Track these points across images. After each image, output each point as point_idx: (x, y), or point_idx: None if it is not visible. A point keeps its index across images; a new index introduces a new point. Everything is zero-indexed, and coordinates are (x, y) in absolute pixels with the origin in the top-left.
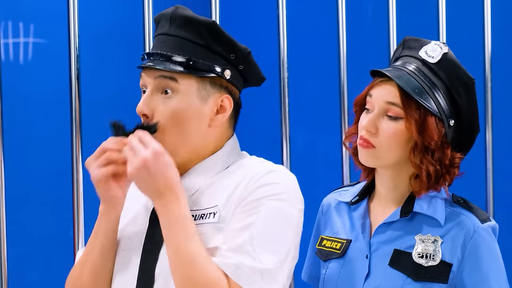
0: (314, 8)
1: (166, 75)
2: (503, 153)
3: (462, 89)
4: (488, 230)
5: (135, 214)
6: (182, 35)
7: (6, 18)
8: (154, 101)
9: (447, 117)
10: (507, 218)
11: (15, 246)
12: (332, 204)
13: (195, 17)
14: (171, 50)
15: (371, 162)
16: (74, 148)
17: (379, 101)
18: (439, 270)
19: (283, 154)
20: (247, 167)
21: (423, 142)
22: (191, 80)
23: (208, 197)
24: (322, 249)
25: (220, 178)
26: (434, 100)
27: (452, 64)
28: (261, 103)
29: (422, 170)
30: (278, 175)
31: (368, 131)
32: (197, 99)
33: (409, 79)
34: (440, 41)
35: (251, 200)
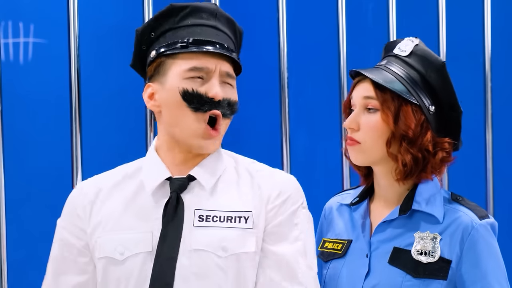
0: (314, 9)
1: (230, 72)
2: (503, 153)
3: (434, 73)
4: (487, 227)
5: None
6: (228, 33)
7: (6, 18)
8: (220, 88)
9: (426, 104)
10: (507, 218)
11: (15, 246)
12: (333, 207)
13: (234, 20)
14: (228, 43)
15: (360, 158)
16: (74, 148)
17: (358, 98)
18: (438, 267)
19: (283, 156)
20: (262, 172)
21: (400, 131)
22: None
23: (227, 199)
24: (324, 251)
25: (229, 178)
26: (410, 89)
27: (422, 53)
28: (261, 105)
29: (398, 160)
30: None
31: (351, 128)
32: None
33: (381, 72)
34: (412, 37)
35: (286, 214)
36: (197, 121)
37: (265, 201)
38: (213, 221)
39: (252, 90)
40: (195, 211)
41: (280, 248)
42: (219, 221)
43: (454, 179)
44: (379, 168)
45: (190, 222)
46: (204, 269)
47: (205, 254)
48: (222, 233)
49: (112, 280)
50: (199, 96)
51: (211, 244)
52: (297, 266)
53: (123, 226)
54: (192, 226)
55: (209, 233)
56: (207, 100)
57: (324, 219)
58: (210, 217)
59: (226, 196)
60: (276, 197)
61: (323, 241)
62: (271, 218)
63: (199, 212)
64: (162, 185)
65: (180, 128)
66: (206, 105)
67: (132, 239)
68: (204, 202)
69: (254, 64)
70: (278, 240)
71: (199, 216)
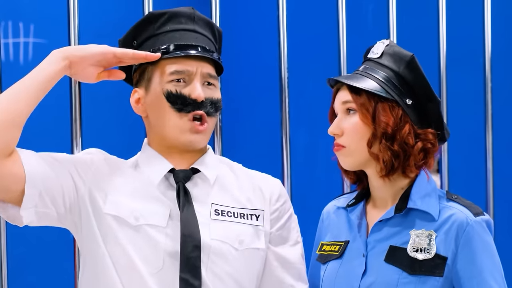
0: (314, 9)
1: (211, 73)
2: (504, 153)
3: (406, 68)
4: (482, 223)
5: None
6: (207, 35)
7: (6, 18)
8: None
9: (402, 98)
10: (507, 217)
11: (15, 246)
12: (331, 211)
13: (212, 22)
14: (208, 45)
15: (347, 162)
16: (74, 148)
17: (338, 104)
18: (434, 264)
19: (283, 156)
20: (256, 174)
21: (380, 129)
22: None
23: (232, 196)
24: (322, 254)
25: (228, 177)
26: (385, 87)
27: (393, 51)
28: (261, 104)
29: (379, 158)
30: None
31: (335, 134)
32: None
33: (356, 77)
34: (384, 39)
35: (286, 217)
36: (182, 119)
37: (268, 202)
38: (228, 216)
39: (253, 90)
40: (211, 205)
41: (284, 250)
42: (233, 217)
43: (455, 179)
44: (370, 170)
45: (205, 213)
46: (223, 256)
47: (223, 245)
48: (238, 228)
49: (120, 240)
50: (183, 97)
51: (229, 236)
52: (301, 267)
53: (138, 198)
54: (209, 218)
55: (227, 226)
56: (190, 101)
57: (322, 223)
58: (225, 212)
59: (234, 193)
60: (277, 200)
61: (321, 245)
62: (275, 220)
63: (215, 207)
64: (166, 177)
65: (167, 128)
66: (189, 106)
67: (148, 210)
68: (214, 197)
69: (255, 64)
70: (282, 242)
71: (215, 210)
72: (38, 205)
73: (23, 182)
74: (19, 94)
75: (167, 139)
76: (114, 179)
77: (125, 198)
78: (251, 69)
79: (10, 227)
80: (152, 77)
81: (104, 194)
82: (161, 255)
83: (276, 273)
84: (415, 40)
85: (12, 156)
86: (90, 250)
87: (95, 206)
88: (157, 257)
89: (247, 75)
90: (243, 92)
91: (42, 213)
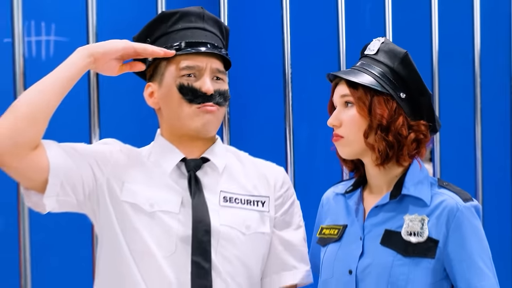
0: (315, 10)
1: (220, 69)
2: (491, 144)
3: (400, 64)
4: (471, 209)
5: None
6: (215, 33)
7: (30, 18)
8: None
9: (397, 92)
10: (495, 202)
11: (37, 232)
12: (330, 197)
13: (220, 20)
14: (216, 42)
15: (346, 151)
16: (92, 137)
17: (337, 98)
18: (427, 246)
19: (287, 147)
20: (261, 163)
21: (375, 121)
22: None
23: (240, 183)
24: (322, 237)
25: (235, 165)
26: (380, 81)
27: (388, 48)
28: (266, 99)
29: (374, 148)
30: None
31: (334, 125)
32: None
33: (354, 72)
34: (379, 37)
35: (289, 202)
36: (192, 108)
37: (273, 189)
38: (236, 202)
39: (259, 85)
40: (220, 192)
41: (288, 234)
42: (241, 203)
43: (446, 167)
44: (367, 159)
45: (214, 201)
46: (232, 240)
47: (232, 230)
48: (245, 214)
49: (136, 225)
50: (194, 90)
51: (237, 222)
52: (303, 249)
53: (152, 186)
54: (219, 205)
55: (235, 213)
56: (200, 94)
57: (322, 208)
58: (233, 199)
59: (240, 181)
60: (281, 186)
61: (320, 228)
62: (279, 206)
63: (223, 194)
64: (177, 166)
65: (180, 117)
66: (199, 98)
67: (162, 197)
68: (222, 184)
69: (261, 61)
70: (286, 227)
71: (223, 198)
72: (60, 193)
73: (47, 173)
74: (46, 89)
75: (180, 128)
76: (130, 169)
77: (141, 186)
78: (257, 66)
79: (32, 214)
80: (165, 72)
81: (121, 182)
82: (174, 239)
83: (280, 255)
84: (409, 37)
85: (37, 148)
86: (107, 234)
87: (113, 195)
88: (170, 241)
89: (253, 71)
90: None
91: (63, 201)
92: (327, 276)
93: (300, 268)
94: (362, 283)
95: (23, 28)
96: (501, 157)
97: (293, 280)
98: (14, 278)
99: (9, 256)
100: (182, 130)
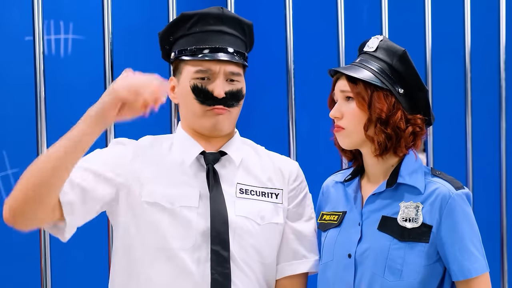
0: (316, 9)
1: (234, 71)
2: (481, 135)
3: (399, 61)
4: (462, 196)
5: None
6: (235, 33)
7: (49, 17)
8: (224, 85)
9: (395, 88)
10: (484, 190)
11: None
12: (330, 185)
13: (241, 18)
14: (232, 45)
15: (347, 142)
16: (107, 131)
17: (337, 92)
18: (421, 231)
19: (290, 137)
20: (277, 156)
21: (375, 114)
22: (242, 68)
23: (255, 176)
24: (322, 222)
25: (253, 159)
26: (379, 77)
27: (387, 46)
28: (269, 92)
29: (374, 140)
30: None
31: (335, 117)
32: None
33: (354, 68)
34: (378, 35)
35: (302, 195)
36: (203, 109)
37: (287, 182)
38: (251, 194)
39: (263, 80)
40: (237, 184)
41: (300, 225)
42: (256, 195)
43: (439, 157)
44: (365, 150)
45: (231, 192)
46: (247, 230)
47: (247, 220)
48: (260, 205)
49: (156, 223)
50: (206, 92)
51: (252, 213)
52: (313, 240)
53: (171, 184)
54: (235, 197)
55: (250, 204)
56: (211, 96)
57: (322, 195)
58: (248, 191)
59: (256, 173)
60: (294, 180)
61: (321, 214)
62: (292, 198)
63: (240, 186)
64: (197, 158)
65: (192, 116)
66: (210, 100)
67: (181, 193)
68: (239, 177)
69: (265, 57)
70: (298, 218)
71: (239, 189)
72: (79, 221)
73: (62, 216)
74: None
75: (194, 126)
76: (147, 167)
77: (159, 185)
78: (262, 62)
79: None
80: (182, 72)
81: (140, 184)
82: (194, 232)
83: (291, 245)
84: (404, 36)
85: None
86: (123, 232)
87: (133, 197)
88: (191, 234)
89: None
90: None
91: (82, 220)
92: (328, 259)
93: (310, 258)
94: (360, 266)
95: (43, 27)
96: (490, 148)
97: (303, 269)
98: (36, 270)
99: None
100: (196, 128)
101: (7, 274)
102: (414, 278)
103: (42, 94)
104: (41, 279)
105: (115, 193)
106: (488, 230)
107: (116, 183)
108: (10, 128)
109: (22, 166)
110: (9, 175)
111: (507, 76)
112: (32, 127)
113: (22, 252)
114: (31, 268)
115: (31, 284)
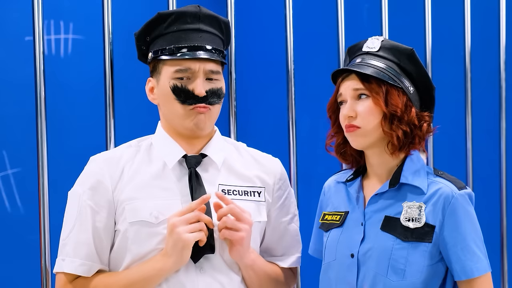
0: (316, 9)
1: (214, 70)
2: (481, 135)
3: (407, 60)
4: (465, 196)
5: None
6: (212, 31)
7: (49, 17)
8: (204, 83)
9: (406, 86)
10: (484, 189)
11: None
12: (331, 185)
13: (218, 16)
14: (210, 43)
15: (361, 142)
16: (108, 130)
17: (348, 91)
18: (424, 231)
19: (290, 136)
20: (259, 154)
21: (391, 111)
22: (221, 66)
23: (238, 175)
24: (325, 222)
25: (235, 158)
26: (391, 75)
27: (391, 46)
28: (270, 93)
29: (393, 136)
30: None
31: (350, 116)
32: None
33: (362, 67)
34: (376, 36)
35: (286, 193)
36: (185, 109)
37: (272, 179)
38: (234, 194)
39: (263, 79)
40: (218, 186)
41: (284, 222)
42: (238, 195)
43: (439, 156)
44: (373, 150)
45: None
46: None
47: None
48: (242, 205)
49: (145, 239)
50: (187, 91)
51: None
52: (297, 237)
53: (152, 195)
54: (216, 198)
55: None
56: (192, 95)
57: (324, 195)
58: (231, 191)
59: (238, 172)
60: (279, 178)
61: (323, 214)
62: (277, 197)
63: (222, 187)
64: (179, 161)
65: (173, 116)
66: (191, 99)
67: (164, 205)
68: (221, 178)
69: (265, 57)
70: (283, 216)
71: (221, 190)
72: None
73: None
74: None
75: (175, 127)
76: (127, 187)
77: (141, 201)
78: (262, 62)
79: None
80: (161, 72)
81: (122, 207)
82: None
83: (276, 242)
84: (404, 36)
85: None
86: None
87: (121, 219)
88: None
89: (259, 67)
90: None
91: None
92: (330, 259)
93: (294, 254)
94: (363, 266)
95: (43, 27)
96: (490, 147)
97: (285, 264)
98: (35, 259)
99: (30, 238)
100: (177, 128)
101: (7, 274)
102: (417, 278)
103: (42, 94)
104: (41, 279)
105: (113, 229)
106: (488, 230)
107: (113, 215)
108: (10, 128)
109: (22, 166)
110: (9, 175)
111: (507, 76)
112: (32, 127)
113: (22, 252)
114: (31, 268)
115: (31, 284)
